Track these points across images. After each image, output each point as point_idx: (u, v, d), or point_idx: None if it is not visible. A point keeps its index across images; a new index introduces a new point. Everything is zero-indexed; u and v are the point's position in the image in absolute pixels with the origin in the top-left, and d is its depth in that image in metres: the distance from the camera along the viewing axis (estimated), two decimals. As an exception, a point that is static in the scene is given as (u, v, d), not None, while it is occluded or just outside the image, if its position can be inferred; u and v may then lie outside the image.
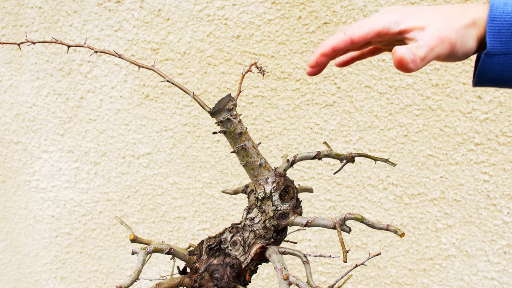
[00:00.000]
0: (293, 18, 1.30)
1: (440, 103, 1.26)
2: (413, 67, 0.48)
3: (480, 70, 0.51)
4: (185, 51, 1.37)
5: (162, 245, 0.60)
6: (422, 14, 0.52)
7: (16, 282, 1.69)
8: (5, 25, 1.50)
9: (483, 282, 1.32)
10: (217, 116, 0.60)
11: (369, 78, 1.28)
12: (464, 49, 0.51)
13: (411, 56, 0.48)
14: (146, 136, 1.45)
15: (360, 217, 0.58)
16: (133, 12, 1.39)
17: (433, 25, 0.50)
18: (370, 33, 0.52)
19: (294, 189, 0.63)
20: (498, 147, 1.25)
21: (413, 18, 0.51)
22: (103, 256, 1.57)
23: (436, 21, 0.50)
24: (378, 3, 1.24)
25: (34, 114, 1.53)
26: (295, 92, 1.33)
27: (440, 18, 0.51)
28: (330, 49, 0.54)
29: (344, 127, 1.32)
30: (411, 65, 0.48)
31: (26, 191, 1.59)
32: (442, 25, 0.50)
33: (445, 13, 0.51)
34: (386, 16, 0.53)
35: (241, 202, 1.43)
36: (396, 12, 0.53)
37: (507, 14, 0.48)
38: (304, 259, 0.63)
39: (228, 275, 0.62)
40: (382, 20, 0.52)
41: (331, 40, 0.54)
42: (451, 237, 1.32)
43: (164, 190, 1.47)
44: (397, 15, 0.52)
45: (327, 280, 1.40)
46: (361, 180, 1.34)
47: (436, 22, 0.50)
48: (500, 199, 1.28)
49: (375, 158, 0.66)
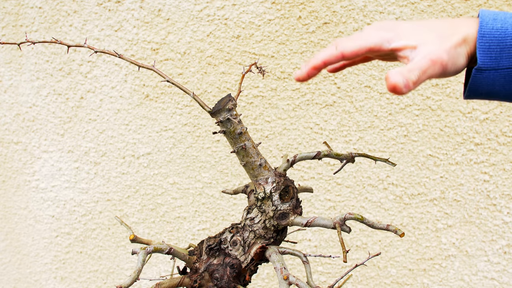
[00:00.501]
0: (293, 18, 1.30)
1: (440, 103, 1.26)
2: (406, 91, 0.49)
3: (471, 85, 0.52)
4: (185, 51, 1.37)
5: (162, 245, 0.60)
6: (413, 32, 0.52)
7: (16, 282, 1.69)
8: (5, 25, 1.50)
9: (483, 282, 1.32)
10: (217, 116, 0.60)
11: (369, 78, 1.28)
12: (455, 68, 0.52)
13: (404, 81, 0.48)
14: (146, 136, 1.45)
15: (360, 217, 0.58)
16: (133, 12, 1.39)
17: (425, 45, 0.51)
18: (361, 49, 0.53)
19: (294, 189, 0.63)
20: (498, 147, 1.25)
21: (405, 36, 0.52)
22: (103, 256, 1.57)
23: (428, 39, 0.51)
24: (378, 3, 1.25)
25: (34, 114, 1.53)
26: (295, 92, 1.33)
27: (431, 36, 0.51)
28: (322, 63, 0.55)
29: (344, 127, 1.32)
30: (404, 90, 0.49)
31: (26, 191, 1.59)
32: (434, 45, 0.51)
33: (436, 30, 0.52)
34: (378, 33, 0.53)
35: (241, 202, 1.43)
36: (388, 29, 0.54)
37: (496, 31, 0.49)
38: (304, 259, 0.63)
39: (228, 275, 0.62)
40: (374, 37, 0.53)
41: (322, 54, 0.55)
42: (451, 237, 1.32)
43: (164, 190, 1.47)
44: (389, 33, 0.53)
45: (327, 280, 1.40)
46: (361, 180, 1.34)
47: (427, 41, 0.51)
48: (500, 199, 1.28)
49: (375, 158, 0.66)
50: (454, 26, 0.52)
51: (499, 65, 0.50)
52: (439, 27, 0.53)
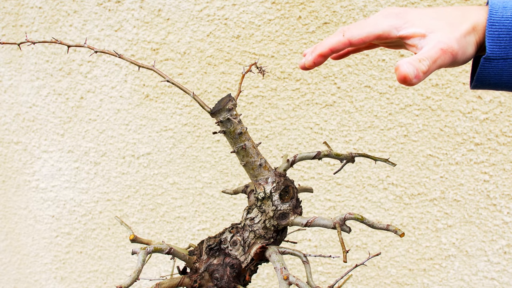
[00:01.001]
0: (293, 18, 1.30)
1: (440, 103, 1.26)
2: (416, 82, 0.48)
3: (479, 74, 0.51)
4: (185, 51, 1.37)
5: (162, 245, 0.60)
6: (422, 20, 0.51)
7: (16, 282, 1.69)
8: (5, 25, 1.50)
9: (483, 282, 1.32)
10: (217, 116, 0.60)
11: (369, 78, 1.28)
12: (465, 57, 0.51)
13: (414, 72, 0.47)
14: (146, 136, 1.45)
15: (360, 217, 0.58)
16: (133, 12, 1.39)
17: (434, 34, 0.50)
18: (369, 36, 0.52)
19: (294, 189, 0.63)
20: (498, 147, 1.25)
21: (413, 24, 0.51)
22: (103, 256, 1.57)
23: (437, 27, 0.50)
24: (378, 3, 1.25)
25: (34, 114, 1.53)
26: (295, 92, 1.33)
27: (440, 24, 0.50)
28: (329, 51, 0.54)
29: (344, 127, 1.32)
30: (414, 81, 0.48)
31: (26, 191, 1.59)
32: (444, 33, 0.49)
33: (445, 17, 0.51)
34: (386, 20, 0.52)
35: (241, 202, 1.43)
36: (397, 16, 0.52)
37: (506, 19, 0.48)
38: (304, 259, 0.63)
39: (228, 275, 0.62)
40: (382, 24, 0.52)
41: (329, 41, 0.53)
42: (451, 237, 1.32)
43: (164, 190, 1.47)
44: (397, 20, 0.52)
45: (327, 280, 1.40)
46: (361, 180, 1.34)
47: (437, 29, 0.50)
48: (500, 199, 1.28)
49: (375, 158, 0.66)
50: (463, 13, 0.51)
51: (508, 54, 0.49)
52: (448, 14, 0.51)
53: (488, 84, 0.52)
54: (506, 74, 0.50)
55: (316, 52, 0.54)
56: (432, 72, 0.49)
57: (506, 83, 0.51)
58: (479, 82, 0.52)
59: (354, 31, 0.52)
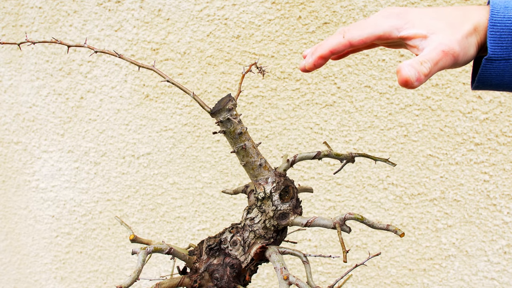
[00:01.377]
0: (293, 18, 1.30)
1: (440, 103, 1.26)
2: (418, 85, 0.47)
3: (480, 75, 0.51)
4: (185, 51, 1.37)
5: (162, 245, 0.60)
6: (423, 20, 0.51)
7: (16, 282, 1.69)
8: (5, 25, 1.50)
9: (483, 282, 1.32)
10: (217, 116, 0.60)
11: (369, 78, 1.28)
12: (466, 58, 0.50)
13: (416, 75, 0.47)
14: (146, 136, 1.45)
15: (360, 217, 0.58)
16: (133, 12, 1.39)
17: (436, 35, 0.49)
18: (370, 37, 0.51)
19: (294, 189, 0.63)
20: (498, 147, 1.25)
21: (414, 24, 0.50)
22: (103, 256, 1.57)
23: (438, 28, 0.49)
24: (378, 3, 1.25)
25: (34, 114, 1.53)
26: (295, 92, 1.33)
27: (442, 24, 0.50)
28: (329, 52, 0.53)
29: (344, 127, 1.32)
30: (416, 84, 0.47)
31: (26, 191, 1.59)
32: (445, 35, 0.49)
33: (446, 17, 0.50)
34: (387, 20, 0.52)
35: (241, 202, 1.43)
36: (397, 16, 0.52)
37: (508, 19, 0.48)
38: (304, 259, 0.63)
39: (228, 275, 0.62)
40: (383, 25, 0.51)
41: (329, 42, 0.53)
42: (451, 237, 1.32)
43: (164, 190, 1.47)
44: (398, 20, 0.51)
45: (327, 280, 1.40)
46: (361, 180, 1.34)
47: (438, 30, 0.49)
48: (500, 199, 1.28)
49: (375, 158, 0.66)
50: (464, 14, 0.50)
51: (510, 55, 0.48)
52: (449, 14, 0.51)
53: (489, 85, 0.52)
54: (508, 75, 0.50)
55: (316, 54, 0.53)
56: (434, 74, 0.49)
57: (508, 84, 0.50)
58: (480, 83, 0.52)
59: (354, 32, 0.52)
